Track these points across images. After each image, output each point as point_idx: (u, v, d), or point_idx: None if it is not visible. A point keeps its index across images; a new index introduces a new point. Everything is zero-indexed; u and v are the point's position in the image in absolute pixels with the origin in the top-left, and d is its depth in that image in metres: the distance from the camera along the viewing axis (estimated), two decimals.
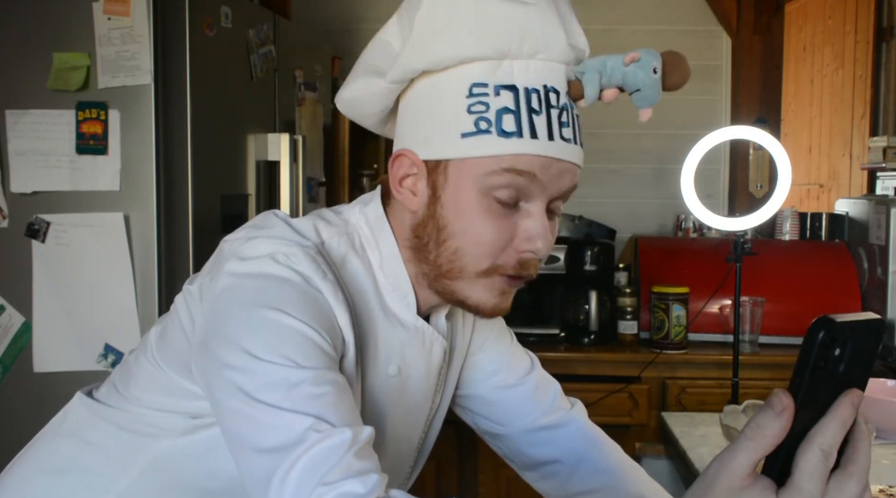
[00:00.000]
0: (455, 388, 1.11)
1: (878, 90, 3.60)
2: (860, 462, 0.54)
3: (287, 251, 0.84)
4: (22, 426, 1.95)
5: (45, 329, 1.95)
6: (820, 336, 0.51)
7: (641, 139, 3.31)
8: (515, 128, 0.84)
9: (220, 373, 0.78)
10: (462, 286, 0.89)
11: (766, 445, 0.53)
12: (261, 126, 2.34)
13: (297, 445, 0.72)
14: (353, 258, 0.91)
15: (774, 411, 0.52)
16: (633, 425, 2.59)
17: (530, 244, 0.87)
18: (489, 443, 1.17)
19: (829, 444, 0.53)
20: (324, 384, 0.76)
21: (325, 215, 0.94)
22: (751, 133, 2.15)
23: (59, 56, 1.92)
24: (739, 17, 3.30)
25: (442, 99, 0.87)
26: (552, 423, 1.12)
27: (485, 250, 0.87)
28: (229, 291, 0.82)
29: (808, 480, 0.52)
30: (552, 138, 0.86)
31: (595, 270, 2.74)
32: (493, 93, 0.85)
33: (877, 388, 1.75)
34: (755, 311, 2.57)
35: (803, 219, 3.04)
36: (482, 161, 0.85)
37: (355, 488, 0.69)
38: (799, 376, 0.53)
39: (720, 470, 0.54)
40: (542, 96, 0.86)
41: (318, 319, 0.81)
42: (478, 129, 0.85)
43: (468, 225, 0.87)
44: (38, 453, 0.98)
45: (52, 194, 1.94)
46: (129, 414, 0.92)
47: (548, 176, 0.86)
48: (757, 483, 0.54)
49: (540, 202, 0.88)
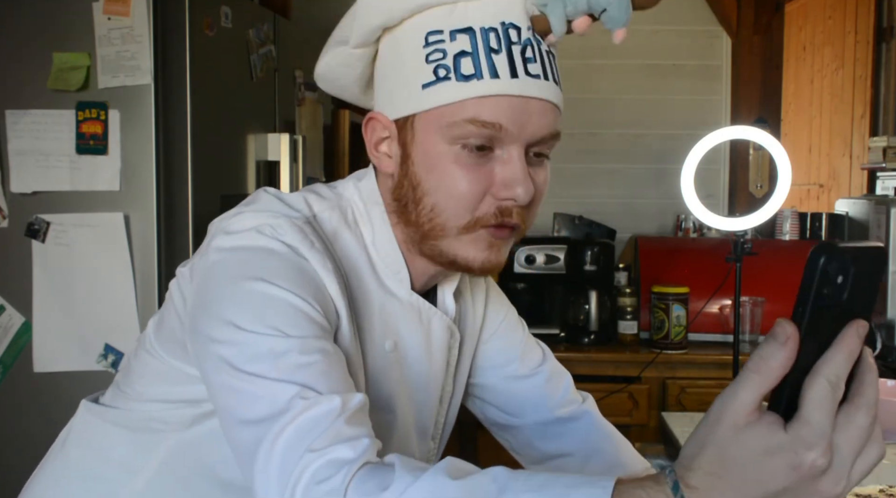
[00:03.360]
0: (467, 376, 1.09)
1: (878, 90, 3.60)
2: (867, 394, 0.52)
3: (273, 223, 0.83)
4: (22, 426, 1.95)
5: (45, 329, 1.95)
6: (821, 262, 0.49)
7: (641, 139, 3.31)
8: (474, 70, 0.81)
9: (209, 349, 0.78)
10: (448, 244, 0.87)
11: (772, 378, 0.51)
12: (261, 126, 2.34)
13: (282, 413, 0.70)
14: (345, 232, 0.90)
15: (778, 341, 0.51)
16: (633, 425, 2.59)
17: (508, 190, 0.83)
18: (496, 435, 1.15)
19: (837, 375, 0.51)
20: (312, 353, 0.75)
21: (317, 189, 0.93)
22: (751, 133, 2.15)
23: (59, 56, 1.92)
24: (739, 17, 3.30)
25: (401, 53, 0.86)
26: (565, 416, 1.10)
27: (461, 203, 0.84)
28: (215, 267, 0.82)
29: (816, 411, 0.50)
30: (515, 75, 0.82)
31: (595, 270, 2.74)
32: (449, 38, 0.82)
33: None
34: (755, 311, 2.57)
35: (803, 219, 3.04)
36: (445, 110, 0.83)
37: (344, 454, 0.67)
38: (801, 305, 0.50)
39: (724, 408, 0.52)
40: (500, 34, 0.82)
41: (306, 288, 0.79)
42: (437, 77, 0.83)
43: (440, 179, 0.84)
44: (52, 469, 0.97)
45: (52, 194, 1.94)
46: (134, 412, 0.91)
47: (518, 120, 0.82)
48: (763, 418, 0.52)
49: (515, 148, 0.84)
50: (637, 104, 3.30)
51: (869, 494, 1.24)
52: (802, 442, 0.51)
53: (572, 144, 3.31)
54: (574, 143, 3.31)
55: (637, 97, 3.29)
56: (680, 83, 3.31)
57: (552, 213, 3.20)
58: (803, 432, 0.51)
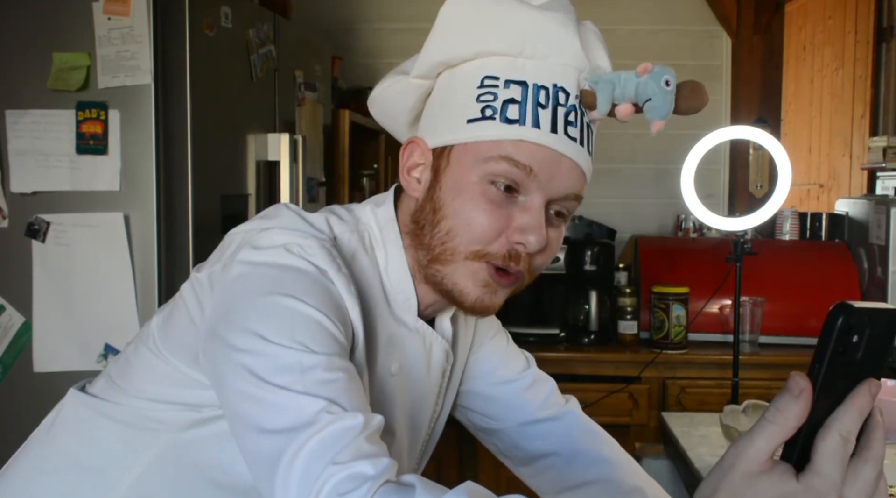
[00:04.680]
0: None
1: (878, 90, 3.60)
2: (875, 449, 0.54)
3: (302, 243, 0.85)
4: (22, 426, 1.94)
5: (45, 329, 1.95)
6: (840, 321, 0.51)
7: (641, 139, 3.31)
8: (519, 116, 0.86)
9: (230, 356, 0.78)
10: (451, 271, 0.89)
11: (787, 429, 0.53)
12: (261, 126, 2.34)
13: (308, 425, 0.71)
14: (362, 256, 0.92)
15: (792, 394, 0.52)
16: (633, 425, 2.59)
17: (521, 236, 0.87)
18: (483, 440, 1.18)
19: (848, 430, 0.53)
20: (336, 370, 0.76)
21: (337, 211, 0.96)
22: (751, 133, 2.15)
23: (59, 56, 1.92)
24: (739, 17, 3.30)
25: (455, 89, 0.90)
26: (547, 416, 1.13)
27: (476, 233, 0.87)
28: (242, 279, 0.83)
29: (828, 463, 0.52)
30: (555, 131, 0.87)
31: (595, 270, 2.75)
32: (504, 85, 0.87)
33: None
34: (755, 311, 2.57)
35: (803, 219, 3.04)
36: (483, 145, 0.87)
37: (366, 470, 0.68)
38: (818, 361, 0.52)
39: (739, 455, 0.54)
40: (550, 93, 0.87)
41: (331, 308, 0.81)
42: (483, 115, 0.87)
43: (462, 206, 0.88)
44: (35, 454, 0.97)
45: (52, 194, 1.94)
46: (129, 408, 0.91)
47: (547, 171, 0.87)
48: (776, 468, 0.53)
49: (538, 197, 0.88)
50: None
51: None
52: (814, 492, 0.52)
53: None
54: None
55: None
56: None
57: None
58: (815, 482, 0.52)
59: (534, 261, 0.90)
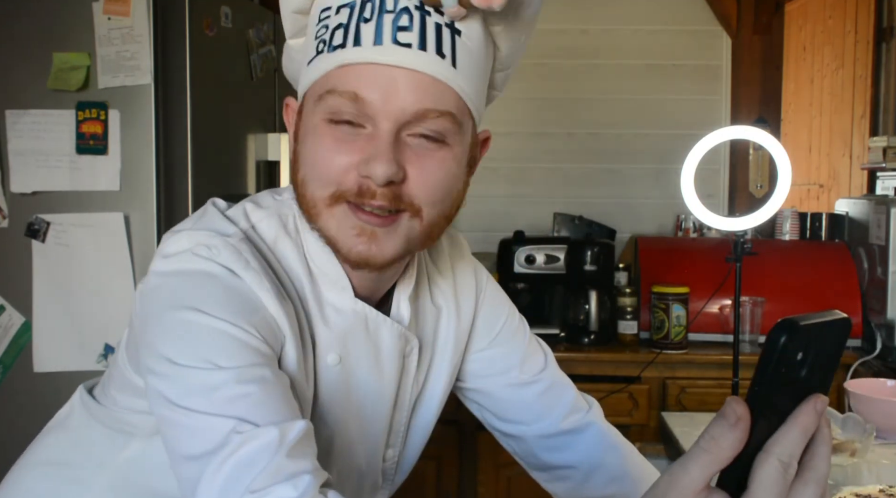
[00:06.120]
0: (457, 380, 1.06)
1: (878, 90, 3.60)
2: (818, 468, 0.51)
3: (208, 243, 0.80)
4: (22, 426, 1.95)
5: (45, 329, 1.95)
6: (782, 341, 0.47)
7: (641, 139, 3.31)
8: (343, 40, 0.78)
9: (148, 380, 0.77)
10: (322, 226, 0.82)
11: (722, 458, 0.49)
12: (261, 126, 2.34)
13: (219, 449, 0.69)
14: (284, 241, 0.87)
15: (728, 422, 0.49)
16: (633, 425, 2.59)
17: (366, 167, 0.78)
18: (501, 440, 1.13)
19: (789, 453, 0.49)
20: (247, 383, 0.73)
21: (258, 198, 0.91)
22: (751, 133, 2.15)
23: (59, 56, 1.92)
24: (739, 17, 3.30)
25: (307, 36, 0.85)
26: (570, 428, 1.07)
27: (321, 172, 0.80)
28: (152, 293, 0.81)
29: (764, 492, 0.49)
30: (380, 42, 0.77)
31: (595, 270, 2.74)
32: (334, 12, 0.80)
33: (877, 388, 1.75)
34: (755, 311, 2.58)
35: (803, 219, 3.04)
36: (317, 84, 0.81)
37: (286, 493, 0.66)
38: (757, 384, 0.49)
39: (672, 483, 0.50)
40: (376, 4, 0.78)
41: (242, 313, 0.77)
42: (316, 51, 0.81)
43: (309, 150, 0.82)
44: (40, 444, 0.99)
45: (52, 194, 1.94)
46: (112, 411, 0.92)
47: (381, 91, 0.77)
48: (711, 497, 0.50)
49: (384, 123, 0.78)
50: (637, 104, 3.29)
51: (869, 493, 1.24)
52: None
53: (572, 144, 3.31)
54: (574, 143, 3.31)
55: (637, 97, 3.29)
56: (680, 83, 3.31)
57: (552, 213, 3.21)
58: None
59: (411, 192, 0.80)
